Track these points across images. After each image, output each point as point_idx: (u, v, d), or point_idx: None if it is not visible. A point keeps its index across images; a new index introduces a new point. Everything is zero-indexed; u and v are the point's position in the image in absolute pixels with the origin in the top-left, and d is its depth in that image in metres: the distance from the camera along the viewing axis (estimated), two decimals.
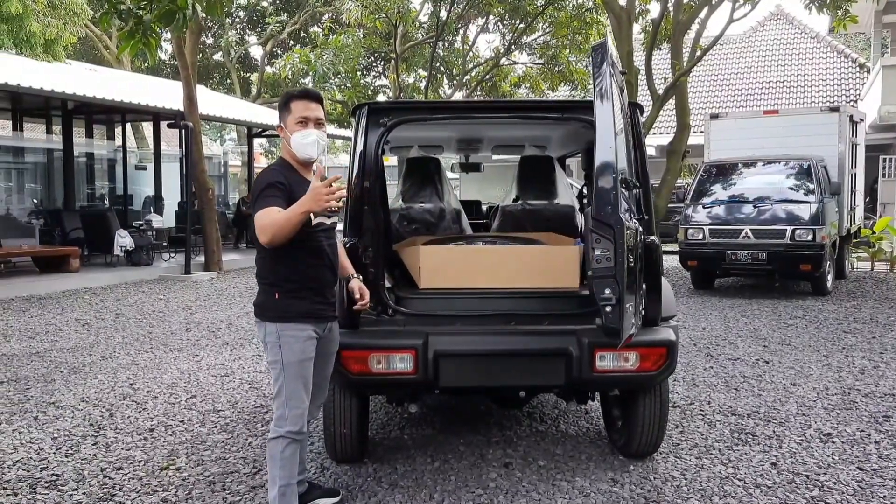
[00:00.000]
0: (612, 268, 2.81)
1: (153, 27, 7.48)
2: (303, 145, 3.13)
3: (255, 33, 26.98)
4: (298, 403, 3.14)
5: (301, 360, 3.13)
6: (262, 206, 2.98)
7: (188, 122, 13.20)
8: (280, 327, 3.11)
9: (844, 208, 11.64)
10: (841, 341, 7.46)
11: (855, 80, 24.04)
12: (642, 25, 16.07)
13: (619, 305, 2.82)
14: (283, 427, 3.14)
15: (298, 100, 3.17)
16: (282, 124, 3.21)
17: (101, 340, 7.64)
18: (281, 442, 3.15)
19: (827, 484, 3.88)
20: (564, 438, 4.52)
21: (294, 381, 3.12)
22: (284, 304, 3.13)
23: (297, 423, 3.14)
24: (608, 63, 3.00)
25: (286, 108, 3.18)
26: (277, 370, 3.13)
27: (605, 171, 2.99)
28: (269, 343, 3.15)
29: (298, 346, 3.12)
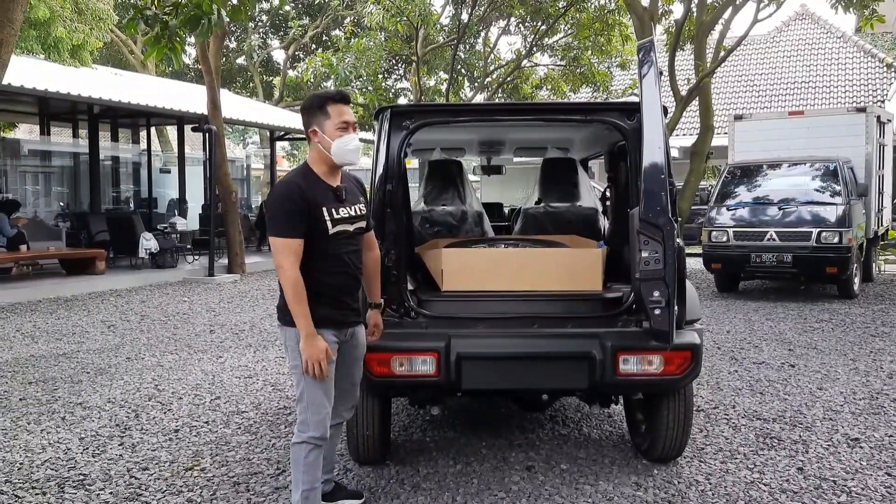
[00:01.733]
0: (662, 269, 2.78)
1: (178, 32, 7.58)
2: (346, 151, 3.09)
3: (277, 37, 27.20)
4: (320, 409, 3.13)
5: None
6: (281, 231, 3.00)
7: (212, 126, 13.32)
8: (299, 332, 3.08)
9: (872, 210, 11.48)
10: (868, 345, 7.36)
11: (882, 80, 23.69)
12: (665, 26, 15.97)
13: (668, 308, 2.78)
14: (306, 432, 3.13)
15: (337, 103, 3.10)
16: (316, 128, 3.12)
17: (127, 342, 7.73)
18: (304, 447, 3.14)
19: (855, 490, 3.83)
20: (587, 442, 4.50)
21: (315, 386, 3.09)
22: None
23: (319, 428, 3.13)
24: (654, 62, 2.98)
25: (322, 112, 3.10)
26: (299, 374, 3.12)
27: (653, 172, 2.95)
28: (290, 347, 3.15)
29: None
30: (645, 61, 2.97)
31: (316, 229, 3.07)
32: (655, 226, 2.79)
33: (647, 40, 3.01)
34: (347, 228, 3.16)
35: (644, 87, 2.95)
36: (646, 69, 2.96)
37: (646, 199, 2.86)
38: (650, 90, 2.94)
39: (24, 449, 4.50)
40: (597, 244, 4.46)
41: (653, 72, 2.96)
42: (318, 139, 3.11)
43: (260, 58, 25.31)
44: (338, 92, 3.21)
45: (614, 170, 4.71)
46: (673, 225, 2.85)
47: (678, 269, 3.77)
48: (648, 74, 2.96)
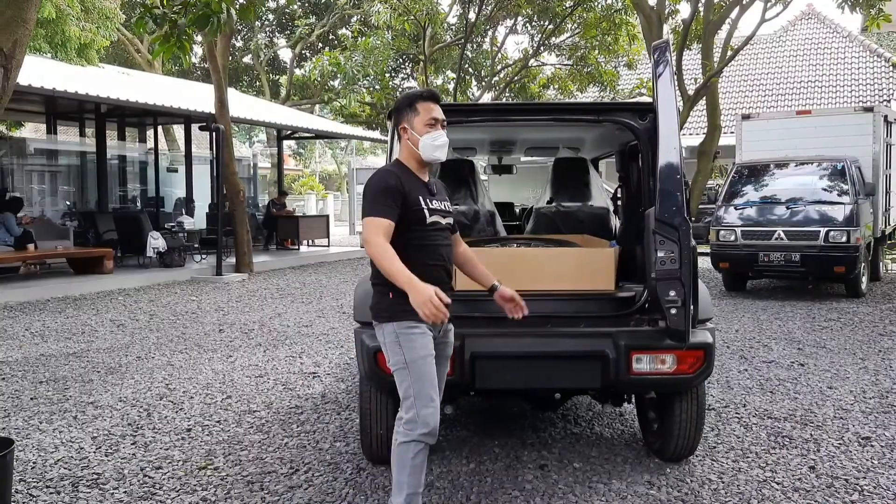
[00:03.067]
0: (678, 269, 2.78)
1: (187, 31, 7.60)
2: (433, 147, 3.11)
3: (283, 36, 27.24)
4: (429, 402, 3.01)
5: (424, 357, 3.04)
6: (374, 212, 2.99)
7: (219, 125, 13.35)
8: (397, 326, 3.05)
9: (879, 209, 11.46)
10: (877, 344, 7.35)
11: (888, 80, 23.64)
12: (672, 26, 15.96)
13: (684, 307, 2.79)
14: (416, 430, 3.00)
15: (426, 101, 3.15)
16: (405, 125, 3.16)
17: (136, 341, 7.76)
18: (413, 447, 3.02)
19: (867, 488, 3.83)
20: (599, 441, 4.51)
21: (420, 379, 3.01)
22: (399, 302, 3.01)
23: (429, 422, 3.00)
24: (670, 62, 2.98)
25: (412, 109, 3.15)
26: (403, 371, 3.04)
27: (669, 172, 2.95)
28: (389, 343, 3.08)
29: (419, 342, 3.04)
30: (660, 61, 2.97)
31: (413, 218, 3.07)
32: (671, 226, 2.80)
33: (662, 41, 3.01)
34: (441, 221, 3.16)
35: (660, 86, 2.95)
36: (661, 69, 2.96)
37: (661, 200, 2.86)
38: (666, 90, 2.95)
39: (37, 448, 4.52)
40: (609, 244, 4.46)
41: (668, 72, 2.96)
42: (407, 136, 3.16)
43: (266, 56, 25.35)
44: (427, 90, 3.25)
45: (625, 169, 4.72)
46: (689, 225, 2.86)
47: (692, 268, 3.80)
48: (664, 74, 2.96)
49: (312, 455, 4.33)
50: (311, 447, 4.47)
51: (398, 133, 3.21)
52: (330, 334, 8.07)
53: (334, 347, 7.38)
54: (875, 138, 11.27)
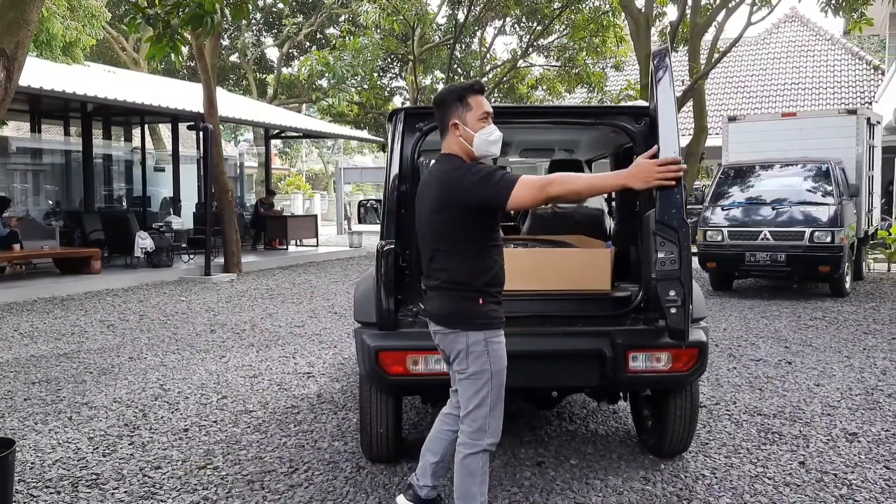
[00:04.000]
0: (678, 270, 2.84)
1: (180, 31, 7.60)
2: (487, 142, 2.98)
3: (271, 35, 27.16)
4: (500, 413, 3.03)
5: (505, 368, 3.03)
6: (513, 179, 2.83)
7: (208, 124, 13.32)
8: (488, 335, 2.98)
9: (862, 210, 11.63)
10: (861, 342, 7.48)
11: (869, 82, 23.96)
12: (659, 28, 16.09)
13: (683, 307, 2.85)
14: (484, 440, 3.00)
15: (476, 94, 3.02)
16: (456, 120, 2.99)
17: (128, 342, 7.75)
18: (481, 457, 3.02)
19: (855, 482, 3.93)
20: (594, 438, 4.58)
21: (499, 391, 3.01)
22: (489, 310, 2.99)
23: (496, 433, 3.03)
24: (669, 67, 3.01)
25: (462, 104, 3.00)
26: (483, 380, 2.98)
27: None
28: (475, 353, 2.97)
29: (503, 353, 3.02)
30: (660, 66, 3.03)
31: (490, 213, 2.98)
32: (671, 227, 2.86)
33: (662, 47, 3.08)
34: None
35: (659, 91, 3.00)
36: (661, 73, 3.02)
37: (661, 202, 2.92)
38: (665, 95, 3.00)
39: (34, 449, 4.53)
40: (604, 244, 4.53)
41: (668, 77, 3.01)
42: (459, 132, 3.00)
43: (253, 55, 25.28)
44: (476, 82, 3.13)
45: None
46: (688, 226, 2.92)
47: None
48: (664, 79, 3.02)
49: (311, 454, 4.37)
50: (310, 446, 4.51)
51: (446, 129, 3.03)
52: (323, 334, 8.09)
53: (328, 347, 7.41)
54: (858, 140, 11.44)
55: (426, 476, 3.35)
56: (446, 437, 3.30)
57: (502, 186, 2.83)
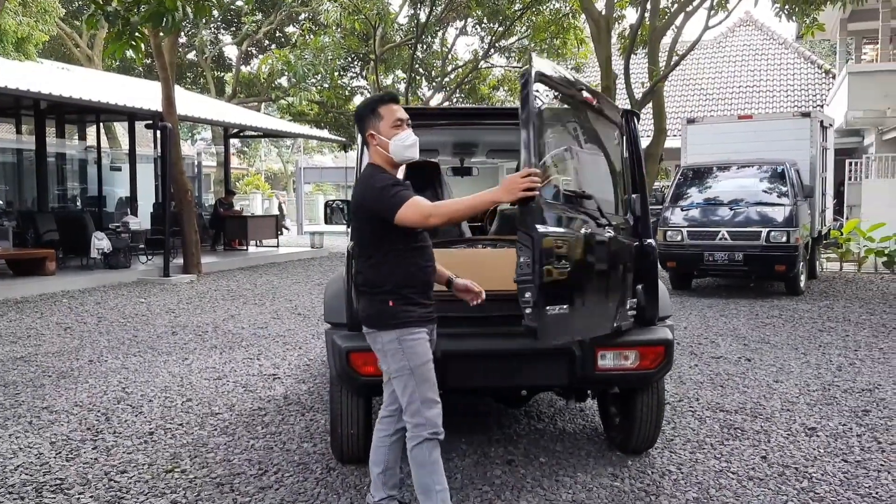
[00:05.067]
0: (531, 275, 2.95)
1: (140, 29, 7.48)
2: (403, 148, 3.12)
3: (229, 33, 26.81)
4: (433, 404, 3.10)
5: (425, 362, 3.11)
6: (403, 198, 2.97)
7: (167, 123, 13.11)
8: (399, 333, 3.08)
9: (816, 211, 11.95)
10: (817, 339, 7.68)
11: (821, 86, 24.61)
12: (618, 31, 16.31)
13: (536, 308, 2.96)
14: (426, 430, 3.08)
15: (386, 104, 3.17)
16: (371, 132, 3.16)
17: (87, 344, 7.59)
18: (427, 446, 3.09)
19: (815, 475, 4.04)
20: (563, 435, 4.64)
21: (423, 384, 3.08)
22: (401, 310, 3.09)
23: (435, 422, 3.09)
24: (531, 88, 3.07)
25: (374, 115, 3.15)
26: (405, 377, 3.09)
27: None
28: (390, 351, 3.11)
29: (421, 348, 3.10)
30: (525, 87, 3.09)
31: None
32: (528, 235, 2.95)
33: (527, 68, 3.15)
34: None
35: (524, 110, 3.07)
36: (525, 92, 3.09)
37: (520, 212, 3.01)
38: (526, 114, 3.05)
39: None
40: None
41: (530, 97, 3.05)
42: (376, 142, 3.15)
43: (212, 53, 24.93)
44: (387, 93, 3.28)
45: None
46: (541, 235, 2.97)
47: (651, 269, 3.95)
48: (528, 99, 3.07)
49: (280, 456, 4.34)
50: (279, 448, 4.48)
51: (366, 141, 3.21)
52: (287, 336, 8.03)
53: (292, 349, 7.35)
54: (812, 142, 11.74)
55: (378, 489, 3.36)
56: (384, 443, 3.34)
57: (394, 202, 2.97)
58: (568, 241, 3.14)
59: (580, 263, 3.22)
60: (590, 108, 3.74)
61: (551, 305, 3.03)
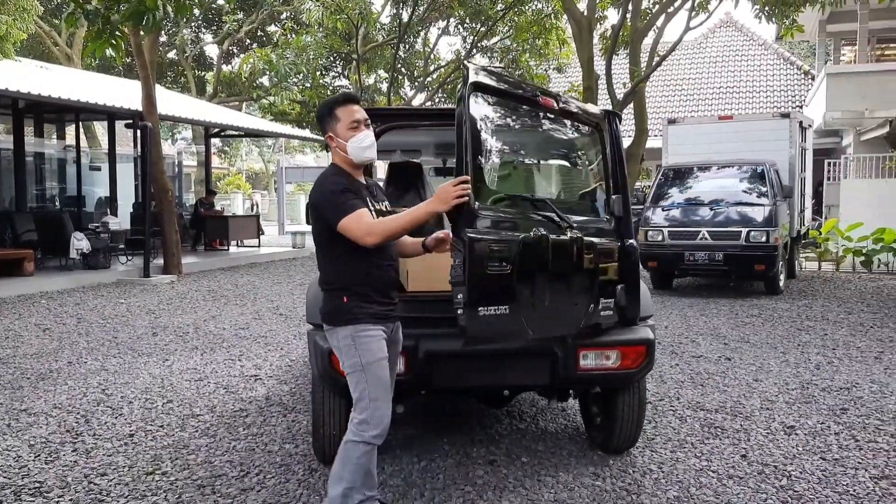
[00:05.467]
0: (463, 277, 3.01)
1: (121, 28, 7.41)
2: (360, 149, 3.12)
3: (210, 32, 26.64)
4: (383, 404, 3.09)
5: (379, 360, 3.10)
6: (349, 209, 2.99)
7: (147, 123, 13.00)
8: (353, 329, 3.09)
9: (795, 211, 12.07)
10: (796, 338, 7.76)
11: (800, 87, 24.85)
12: (600, 32, 16.37)
13: (467, 309, 3.04)
14: (367, 432, 3.07)
15: (343, 105, 3.16)
16: (330, 134, 3.17)
17: (66, 346, 7.52)
18: (361, 447, 3.08)
19: (794, 473, 4.08)
20: (544, 435, 4.66)
21: (376, 382, 3.08)
22: (355, 306, 3.10)
23: (380, 426, 3.08)
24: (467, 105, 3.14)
25: (331, 117, 3.16)
26: (358, 373, 3.09)
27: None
28: (344, 347, 3.12)
29: (375, 345, 3.10)
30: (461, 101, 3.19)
31: None
32: (461, 240, 3.01)
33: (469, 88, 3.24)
34: None
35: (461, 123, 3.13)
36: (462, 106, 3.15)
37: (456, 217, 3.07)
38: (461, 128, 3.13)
39: None
40: None
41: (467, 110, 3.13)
42: (334, 144, 3.16)
43: (192, 52, 24.75)
44: (343, 94, 3.27)
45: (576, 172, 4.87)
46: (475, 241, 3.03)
47: (633, 269, 3.97)
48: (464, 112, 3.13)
49: (262, 457, 4.33)
50: (260, 450, 4.46)
51: (327, 143, 3.23)
52: (268, 336, 8.00)
53: (274, 350, 7.33)
54: (791, 143, 11.86)
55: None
56: None
57: (339, 210, 2.99)
58: (507, 244, 3.18)
59: (525, 265, 3.25)
60: (550, 111, 3.74)
61: (485, 307, 3.10)
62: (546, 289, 3.39)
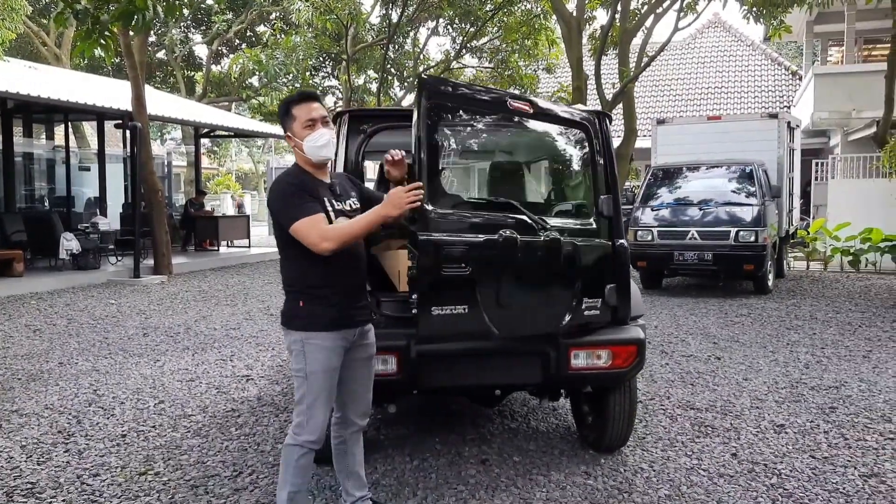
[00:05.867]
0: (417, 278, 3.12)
1: (111, 28, 7.39)
2: (317, 148, 3.07)
3: (199, 32, 26.55)
4: (319, 413, 3.08)
5: (325, 370, 3.07)
6: (304, 213, 2.96)
7: (137, 123, 12.96)
8: (305, 336, 3.06)
9: (783, 210, 12.15)
10: (785, 337, 7.82)
11: (788, 87, 25.01)
12: (589, 33, 16.43)
13: (419, 308, 3.15)
14: (301, 436, 3.08)
15: (299, 104, 3.12)
16: (288, 133, 3.14)
17: (56, 346, 7.49)
18: (297, 450, 3.10)
19: (784, 472, 4.13)
20: (536, 435, 4.68)
21: (317, 391, 3.07)
22: (310, 312, 3.06)
23: (315, 433, 3.08)
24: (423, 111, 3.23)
25: (288, 116, 3.12)
26: (301, 379, 3.08)
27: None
28: (294, 351, 3.10)
29: (324, 356, 3.06)
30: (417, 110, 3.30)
31: None
32: (414, 245, 3.13)
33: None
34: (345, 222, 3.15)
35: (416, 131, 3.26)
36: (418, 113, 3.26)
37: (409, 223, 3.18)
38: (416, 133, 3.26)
39: None
40: None
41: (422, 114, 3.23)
42: (292, 143, 3.15)
43: (182, 52, 24.65)
44: (301, 93, 3.23)
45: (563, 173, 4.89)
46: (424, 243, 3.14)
47: (623, 269, 4.00)
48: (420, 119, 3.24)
49: (255, 458, 4.34)
50: (253, 450, 4.47)
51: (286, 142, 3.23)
52: (260, 336, 8.00)
53: (265, 350, 7.32)
54: (780, 143, 11.94)
55: (349, 493, 3.42)
56: (340, 450, 3.38)
57: (294, 212, 2.97)
58: (463, 246, 3.24)
59: (488, 266, 3.32)
60: (523, 115, 3.77)
61: (439, 306, 3.19)
62: (516, 289, 3.45)
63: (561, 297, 3.67)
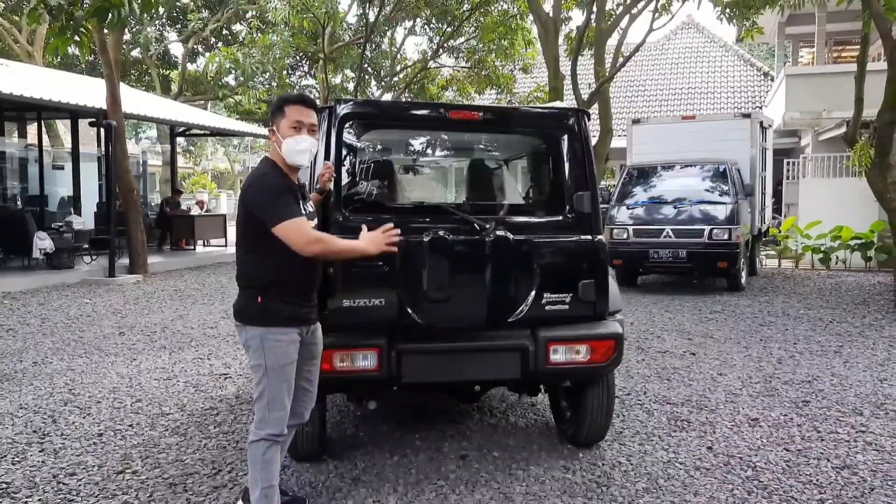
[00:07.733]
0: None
1: (85, 24, 7.31)
2: (295, 151, 3.10)
3: (175, 30, 26.29)
4: (280, 407, 3.14)
5: (284, 365, 3.12)
6: (292, 214, 3.00)
7: (112, 121, 12.82)
8: (263, 331, 3.10)
9: (756, 209, 12.31)
10: (758, 333, 7.94)
11: (759, 88, 25.34)
12: (565, 33, 16.52)
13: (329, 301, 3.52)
14: (264, 430, 3.15)
15: (294, 104, 3.15)
16: (273, 127, 3.17)
17: (30, 346, 7.40)
18: (262, 445, 3.16)
19: (759, 464, 4.20)
20: (515, 430, 4.72)
21: (277, 385, 3.12)
22: (268, 307, 3.10)
23: (277, 425, 3.15)
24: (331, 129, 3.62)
25: (280, 112, 3.15)
26: (260, 374, 3.13)
27: None
28: (252, 347, 3.14)
29: (282, 350, 3.11)
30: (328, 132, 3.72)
31: None
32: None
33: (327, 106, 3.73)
34: (312, 224, 3.20)
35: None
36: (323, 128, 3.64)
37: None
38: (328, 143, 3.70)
39: None
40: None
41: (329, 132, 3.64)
42: (274, 138, 3.17)
43: (157, 51, 24.39)
44: (299, 95, 3.27)
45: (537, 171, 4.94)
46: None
47: (601, 265, 4.05)
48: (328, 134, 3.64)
49: (234, 455, 4.33)
50: (232, 447, 4.46)
51: (269, 135, 3.28)
52: (237, 335, 7.94)
53: (242, 348, 7.27)
54: (752, 142, 12.10)
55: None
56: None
57: (278, 213, 3.01)
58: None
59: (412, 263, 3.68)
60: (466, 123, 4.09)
61: (350, 300, 3.61)
62: (447, 284, 3.70)
63: (508, 293, 3.82)
